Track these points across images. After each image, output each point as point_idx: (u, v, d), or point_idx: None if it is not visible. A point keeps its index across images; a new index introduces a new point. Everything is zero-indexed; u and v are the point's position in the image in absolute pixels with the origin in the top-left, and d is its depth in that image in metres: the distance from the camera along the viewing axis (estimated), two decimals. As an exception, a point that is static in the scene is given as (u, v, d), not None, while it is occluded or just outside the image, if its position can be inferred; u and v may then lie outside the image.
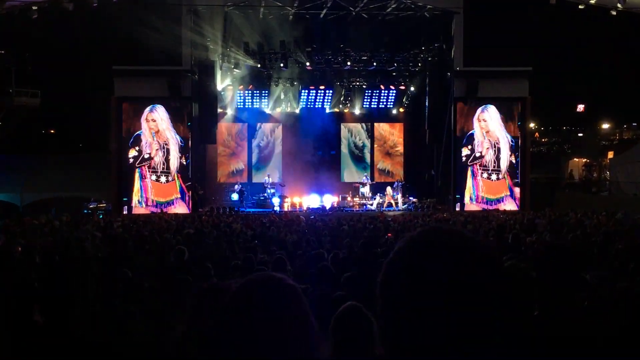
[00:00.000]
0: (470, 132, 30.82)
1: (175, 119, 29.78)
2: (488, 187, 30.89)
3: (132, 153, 29.48)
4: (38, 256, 9.95)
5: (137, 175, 29.52)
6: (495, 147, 30.88)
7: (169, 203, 29.55)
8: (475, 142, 30.82)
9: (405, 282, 1.46)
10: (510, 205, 30.51)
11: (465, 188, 30.82)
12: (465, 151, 30.84)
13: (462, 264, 1.45)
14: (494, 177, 30.89)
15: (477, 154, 30.82)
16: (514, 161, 30.94)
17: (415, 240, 1.53)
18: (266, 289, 1.73)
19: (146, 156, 29.52)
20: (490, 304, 1.43)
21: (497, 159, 30.88)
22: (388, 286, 1.51)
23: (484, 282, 1.44)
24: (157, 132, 29.63)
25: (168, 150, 29.66)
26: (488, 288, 1.44)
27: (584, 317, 3.33)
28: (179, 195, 29.74)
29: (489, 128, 30.88)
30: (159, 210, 28.66)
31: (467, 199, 30.76)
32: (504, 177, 30.91)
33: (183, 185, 29.75)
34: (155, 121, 29.60)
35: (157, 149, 29.61)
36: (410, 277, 1.46)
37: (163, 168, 29.60)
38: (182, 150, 29.78)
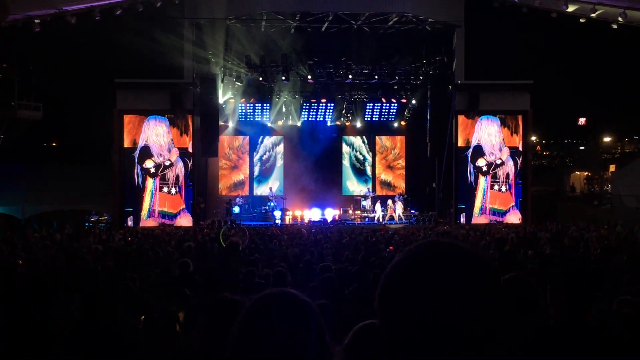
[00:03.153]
0: (478, 143, 30.83)
1: (178, 132, 29.85)
2: (498, 198, 30.86)
3: (149, 163, 29.56)
4: (39, 269, 9.95)
5: (150, 186, 29.58)
6: (502, 158, 30.87)
7: (177, 215, 29.59)
8: (486, 153, 30.81)
9: (403, 295, 1.47)
10: (514, 218, 30.49)
11: (475, 200, 30.78)
12: (481, 161, 30.80)
13: (460, 277, 1.46)
14: (504, 188, 30.84)
15: (498, 162, 30.84)
16: (515, 173, 30.93)
17: (413, 254, 1.54)
18: (280, 305, 1.73)
19: (167, 164, 29.66)
20: (487, 315, 1.44)
21: (505, 170, 30.89)
22: (386, 299, 1.51)
23: (481, 295, 1.45)
24: (168, 144, 29.72)
25: (176, 162, 29.73)
26: (485, 300, 1.45)
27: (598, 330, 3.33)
28: (184, 207, 29.77)
29: (494, 139, 30.90)
30: (167, 222, 28.76)
31: (476, 210, 30.68)
32: (509, 190, 30.88)
33: (184, 199, 29.81)
34: (163, 131, 29.72)
35: (173, 160, 29.70)
36: (407, 290, 1.47)
37: (174, 180, 29.65)
38: (185, 162, 29.84)
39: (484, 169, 30.82)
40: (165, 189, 29.69)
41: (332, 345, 1.79)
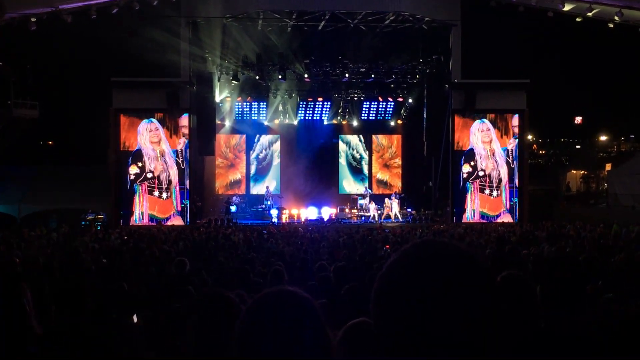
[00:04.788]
0: (470, 147, 30.74)
1: (174, 131, 29.77)
2: (488, 203, 30.74)
3: (134, 170, 29.40)
4: (36, 268, 9.92)
5: (138, 191, 29.46)
6: (496, 162, 30.77)
7: (167, 219, 29.43)
8: (477, 158, 30.68)
9: (397, 294, 1.47)
10: (507, 218, 30.43)
11: (466, 202, 30.68)
12: (466, 168, 30.69)
13: (454, 276, 1.46)
14: (495, 193, 30.73)
15: (480, 172, 30.64)
16: (508, 175, 30.82)
17: (408, 253, 1.54)
18: (281, 303, 1.76)
19: (149, 173, 29.44)
20: (482, 314, 1.44)
21: (498, 174, 30.78)
22: (381, 299, 1.52)
23: (477, 294, 1.45)
24: (160, 147, 29.58)
25: (169, 165, 29.61)
26: (480, 299, 1.45)
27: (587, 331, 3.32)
28: (175, 211, 29.62)
29: (491, 144, 30.79)
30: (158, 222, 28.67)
31: (469, 213, 30.57)
32: (501, 194, 30.79)
33: (178, 201, 29.67)
34: (151, 133, 29.56)
35: (161, 165, 29.54)
36: (403, 289, 1.47)
37: (166, 184, 29.51)
38: (180, 163, 29.72)
39: (465, 175, 30.68)
40: (156, 193, 29.55)
41: (332, 340, 1.82)
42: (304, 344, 1.69)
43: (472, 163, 30.63)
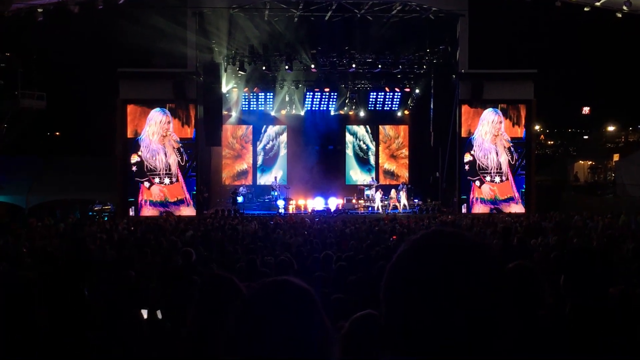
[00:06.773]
0: (471, 136, 30.71)
1: (180, 122, 29.79)
2: (492, 189, 30.70)
3: (135, 158, 29.44)
4: (43, 258, 9.94)
5: (140, 178, 29.47)
6: (497, 150, 30.73)
7: (176, 203, 29.49)
8: (476, 146, 30.67)
9: (407, 286, 1.45)
10: (517, 208, 30.39)
11: (471, 190, 30.67)
12: (467, 157, 30.66)
13: (464, 267, 1.44)
14: (497, 179, 30.71)
15: (483, 161, 30.63)
16: (515, 164, 30.80)
17: (417, 244, 1.52)
18: (282, 292, 1.74)
19: (152, 161, 29.49)
20: (492, 305, 1.42)
21: (499, 162, 30.72)
22: (391, 290, 1.50)
23: (486, 285, 1.43)
24: (164, 135, 29.61)
25: (172, 153, 29.64)
26: (490, 290, 1.43)
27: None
28: (184, 196, 29.67)
29: (493, 131, 30.75)
30: (165, 210, 28.75)
31: (471, 202, 30.58)
32: (508, 179, 30.76)
33: (185, 188, 29.72)
34: (162, 123, 29.60)
35: (165, 153, 29.58)
36: (412, 281, 1.45)
37: (167, 170, 29.53)
38: (186, 152, 29.75)
39: (467, 164, 30.70)
40: (157, 180, 29.56)
41: (333, 333, 1.80)
42: (301, 335, 1.67)
43: (472, 152, 30.62)
